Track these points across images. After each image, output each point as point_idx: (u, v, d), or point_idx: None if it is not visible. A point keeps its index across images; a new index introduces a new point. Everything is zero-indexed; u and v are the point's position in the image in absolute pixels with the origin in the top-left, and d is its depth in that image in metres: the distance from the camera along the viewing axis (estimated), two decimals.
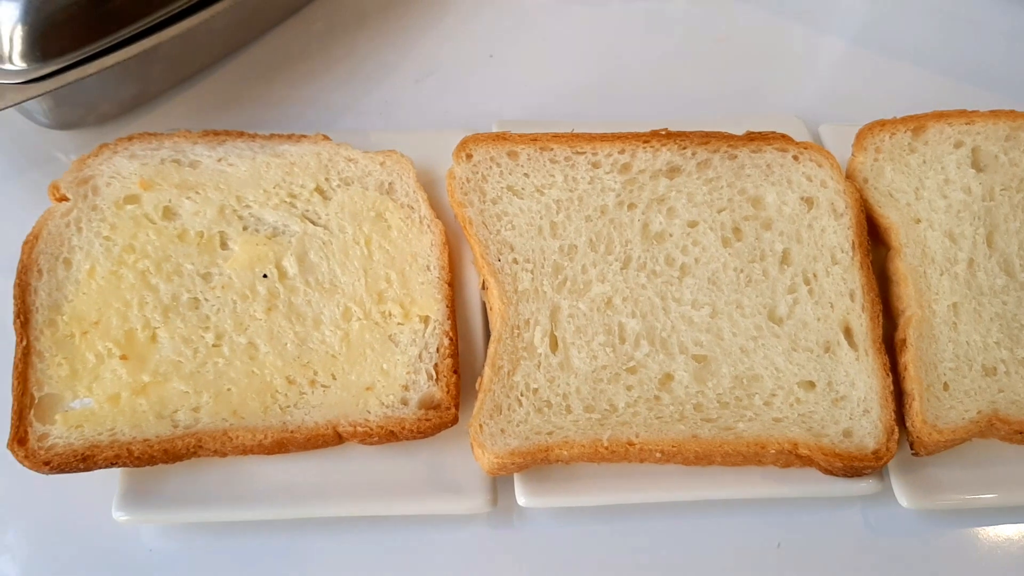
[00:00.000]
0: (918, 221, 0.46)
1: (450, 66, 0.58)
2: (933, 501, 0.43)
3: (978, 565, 0.44)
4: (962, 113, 0.49)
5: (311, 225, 0.47)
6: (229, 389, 0.43)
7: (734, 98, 0.55)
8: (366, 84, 0.58)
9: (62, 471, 0.41)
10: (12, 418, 0.42)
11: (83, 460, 0.41)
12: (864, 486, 0.44)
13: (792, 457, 0.42)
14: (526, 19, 0.60)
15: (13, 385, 0.42)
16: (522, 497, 0.43)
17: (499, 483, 0.44)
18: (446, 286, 0.46)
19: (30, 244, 0.45)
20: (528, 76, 0.57)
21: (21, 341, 0.43)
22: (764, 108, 0.52)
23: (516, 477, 0.43)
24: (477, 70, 0.58)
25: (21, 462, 0.41)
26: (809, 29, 0.59)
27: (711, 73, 0.57)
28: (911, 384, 0.43)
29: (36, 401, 0.42)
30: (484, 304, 0.47)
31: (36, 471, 0.41)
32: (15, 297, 0.44)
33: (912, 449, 0.43)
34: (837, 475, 0.43)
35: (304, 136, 0.50)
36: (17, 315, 0.43)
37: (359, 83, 0.58)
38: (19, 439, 0.41)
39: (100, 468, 0.42)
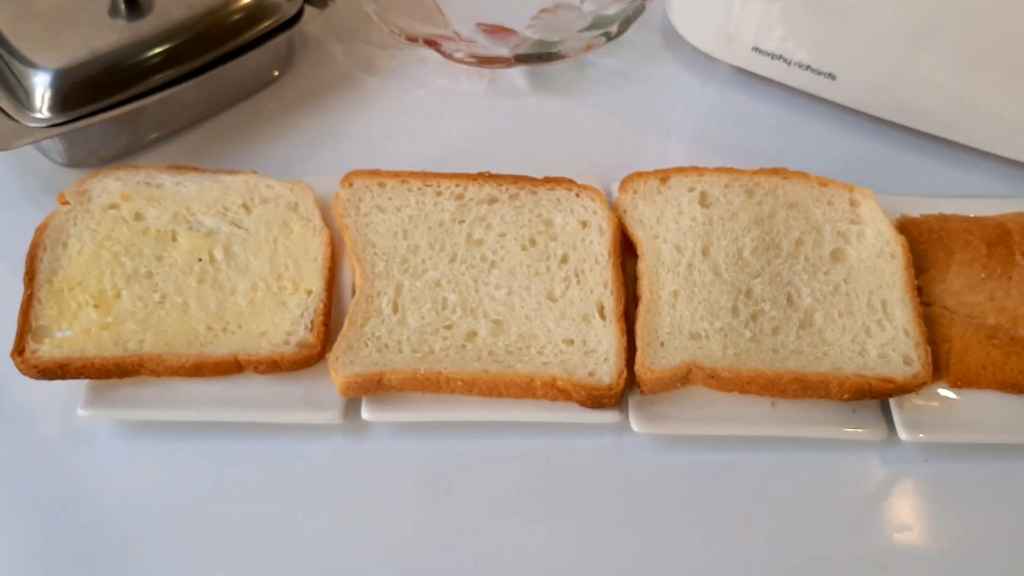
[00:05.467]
0: (656, 237, 0.66)
1: (362, 137, 0.78)
2: (656, 428, 0.60)
3: (689, 476, 0.60)
4: (696, 168, 0.69)
5: (236, 228, 0.67)
6: (166, 330, 0.61)
7: (561, 164, 0.74)
8: (299, 148, 0.77)
9: (45, 376, 0.59)
10: (15, 338, 0.59)
11: (60, 368, 0.59)
12: (610, 416, 0.60)
13: (554, 390, 0.60)
14: (418, 107, 0.80)
15: (18, 318, 0.61)
16: (365, 413, 0.60)
17: (350, 405, 0.61)
18: (327, 271, 0.65)
19: (40, 230, 0.65)
20: (414, 146, 0.76)
21: (27, 290, 0.61)
22: (579, 170, 0.72)
23: (363, 399, 0.61)
24: (380, 141, 0.78)
25: (19, 367, 0.58)
26: (620, 122, 0.79)
27: (548, 148, 0.77)
28: (639, 342, 0.61)
29: (33, 329, 0.60)
30: (353, 284, 0.66)
31: (27, 374, 0.58)
32: (26, 263, 0.62)
33: (639, 388, 0.61)
34: (587, 405, 0.60)
35: (239, 171, 0.70)
36: (26, 274, 0.62)
37: (294, 147, 0.77)
38: (19, 351, 0.59)
39: (71, 377, 0.59)
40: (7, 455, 0.60)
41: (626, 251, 0.67)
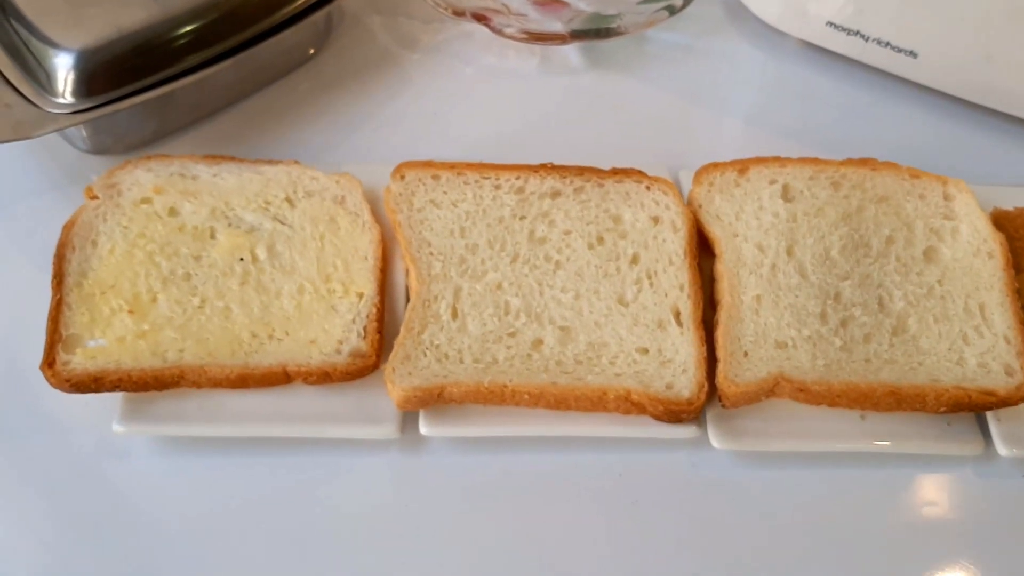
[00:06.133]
0: (736, 235, 0.61)
1: (404, 120, 0.73)
2: (738, 444, 0.56)
3: (772, 495, 0.56)
4: (777, 159, 0.63)
5: (280, 224, 0.62)
6: (207, 338, 0.57)
7: (620, 149, 0.69)
8: (337, 132, 0.72)
9: (78, 390, 0.54)
10: (45, 348, 0.55)
11: (94, 381, 0.54)
12: (687, 431, 0.56)
13: (628, 404, 0.55)
14: (465, 87, 0.75)
15: (47, 326, 0.56)
16: (424, 427, 0.56)
17: (407, 418, 0.56)
18: (379, 272, 0.60)
19: (68, 227, 0.60)
20: (461, 128, 0.71)
21: (56, 295, 0.57)
22: (641, 157, 0.67)
23: (420, 413, 0.57)
24: (424, 123, 0.73)
25: (49, 380, 0.54)
26: (683, 102, 0.74)
27: (605, 132, 0.72)
28: (720, 352, 0.56)
29: (63, 338, 0.55)
30: (407, 285, 0.61)
31: (59, 388, 0.54)
32: (54, 264, 0.58)
33: (720, 402, 0.57)
34: (663, 420, 0.56)
35: (280, 161, 0.65)
36: (54, 277, 0.58)
37: (332, 132, 0.72)
38: (49, 363, 0.55)
39: (106, 390, 0.54)
40: (38, 475, 0.56)
41: (702, 250, 0.62)
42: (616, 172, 0.63)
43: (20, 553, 0.54)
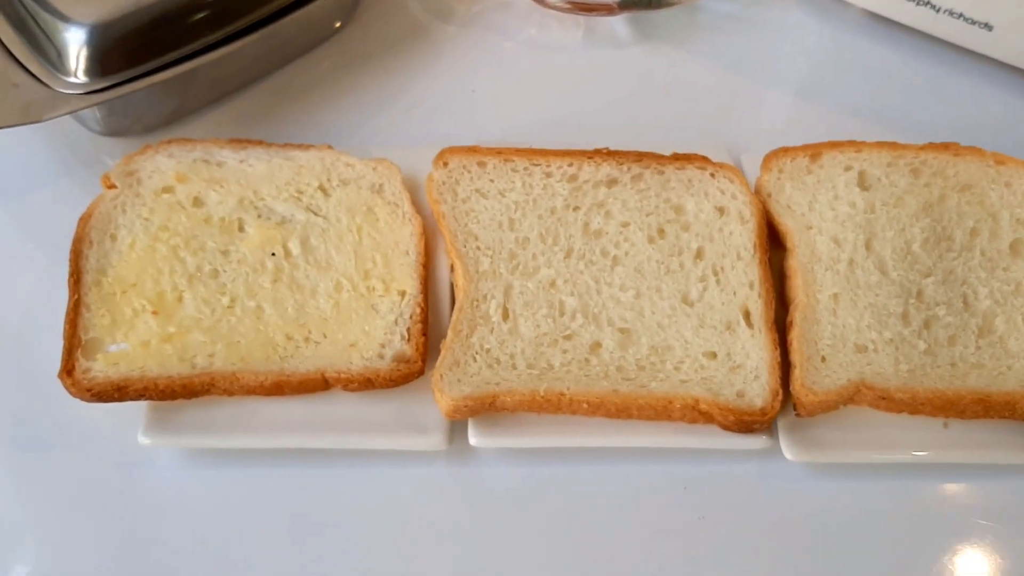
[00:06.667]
0: (810, 228, 0.56)
1: (438, 98, 0.68)
2: (812, 456, 0.52)
3: (849, 509, 0.52)
4: (852, 143, 0.59)
5: (313, 215, 0.57)
6: (238, 341, 0.53)
7: (674, 130, 0.65)
8: (366, 111, 0.67)
9: (100, 400, 0.50)
10: (63, 355, 0.51)
11: (118, 390, 0.50)
12: (757, 441, 0.52)
13: (695, 413, 0.51)
14: (503, 61, 0.70)
15: (65, 329, 0.52)
16: (473, 438, 0.52)
17: (455, 428, 0.52)
18: (421, 268, 0.56)
19: (84, 220, 0.55)
20: (501, 107, 0.67)
21: (73, 295, 0.53)
22: (698, 139, 0.62)
23: (469, 422, 0.53)
24: (459, 102, 0.68)
25: (68, 389, 0.50)
26: (738, 77, 0.69)
27: (656, 110, 0.67)
28: (795, 356, 0.52)
29: (83, 343, 0.51)
30: (452, 283, 0.57)
31: (79, 397, 0.50)
32: (70, 261, 0.54)
33: (795, 410, 0.52)
34: (733, 430, 0.52)
35: (312, 145, 0.60)
36: (71, 275, 0.53)
37: (360, 111, 0.67)
38: (68, 370, 0.51)
39: (130, 399, 0.50)
40: (59, 489, 0.52)
41: (772, 243, 0.57)
42: (677, 158, 0.58)
43: (41, 569, 0.50)
